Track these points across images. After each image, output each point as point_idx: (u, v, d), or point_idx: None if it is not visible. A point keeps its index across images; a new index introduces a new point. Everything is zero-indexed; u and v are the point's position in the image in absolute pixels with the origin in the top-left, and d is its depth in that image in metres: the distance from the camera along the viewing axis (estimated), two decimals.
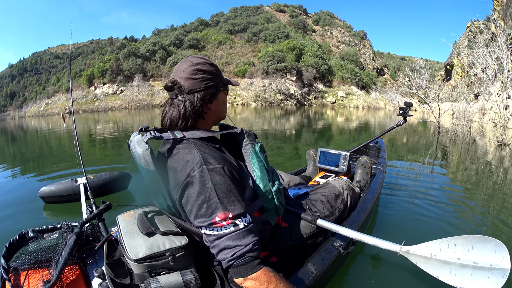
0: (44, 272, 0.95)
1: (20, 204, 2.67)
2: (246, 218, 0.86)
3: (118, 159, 4.98)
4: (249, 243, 0.84)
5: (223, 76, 1.08)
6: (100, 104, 31.89)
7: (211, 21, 53.47)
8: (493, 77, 10.08)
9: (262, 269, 0.85)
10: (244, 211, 0.86)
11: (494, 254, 1.04)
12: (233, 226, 0.84)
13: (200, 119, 1.02)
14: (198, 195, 0.84)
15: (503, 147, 5.83)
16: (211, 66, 1.02)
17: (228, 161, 0.93)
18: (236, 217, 0.84)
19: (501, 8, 18.98)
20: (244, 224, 0.85)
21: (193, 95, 0.98)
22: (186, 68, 0.99)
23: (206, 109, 1.02)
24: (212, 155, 0.90)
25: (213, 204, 0.84)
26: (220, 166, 0.87)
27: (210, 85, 1.00)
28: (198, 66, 0.99)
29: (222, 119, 1.13)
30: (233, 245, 0.83)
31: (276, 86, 33.08)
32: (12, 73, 64.53)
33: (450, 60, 32.55)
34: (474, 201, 2.80)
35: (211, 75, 1.01)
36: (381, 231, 2.08)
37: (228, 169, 0.88)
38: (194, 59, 1.01)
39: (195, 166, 0.86)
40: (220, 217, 0.83)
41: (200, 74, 0.98)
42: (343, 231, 1.26)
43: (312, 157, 2.40)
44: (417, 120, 12.26)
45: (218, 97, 1.04)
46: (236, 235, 0.84)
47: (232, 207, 0.84)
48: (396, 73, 54.28)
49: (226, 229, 0.83)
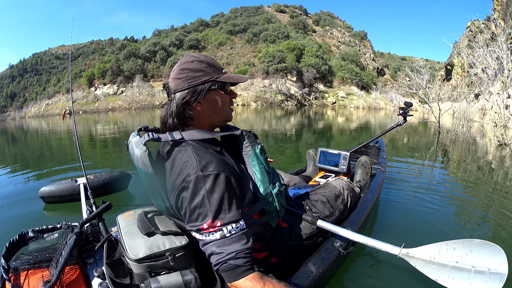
0: (44, 272, 0.95)
1: (20, 204, 2.67)
2: (239, 225, 0.86)
3: (118, 159, 4.98)
4: (233, 251, 0.83)
5: (220, 73, 1.00)
6: (101, 105, 31.91)
7: (212, 22, 53.52)
8: (494, 77, 10.07)
9: (247, 276, 0.84)
10: (236, 218, 0.86)
11: (492, 259, 1.05)
12: (219, 233, 0.84)
13: (188, 119, 0.99)
14: (190, 200, 0.85)
15: (504, 147, 5.82)
16: (200, 64, 0.97)
17: (226, 166, 0.91)
18: (225, 225, 0.84)
19: (501, 8, 18.98)
20: (231, 232, 0.84)
21: (177, 95, 0.96)
22: (175, 68, 0.98)
23: (192, 110, 0.98)
24: (210, 159, 0.89)
25: (204, 211, 0.84)
26: (215, 172, 0.86)
27: (194, 84, 0.95)
28: (185, 65, 0.96)
29: (228, 121, 1.08)
30: (218, 252, 0.84)
31: (277, 87, 33.08)
32: (12, 73, 64.54)
33: (450, 60, 32.56)
34: (474, 203, 2.80)
35: (198, 72, 0.96)
36: (381, 231, 2.08)
37: (225, 176, 0.87)
38: (185, 58, 0.99)
39: (191, 171, 0.86)
40: (208, 224, 0.83)
41: (184, 73, 0.96)
42: (343, 232, 1.26)
43: (312, 157, 2.40)
44: (418, 120, 12.25)
45: (208, 96, 0.97)
46: (221, 242, 0.84)
47: (222, 215, 0.84)
48: (397, 73, 54.29)
49: (212, 235, 0.84)
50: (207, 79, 0.96)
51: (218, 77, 0.98)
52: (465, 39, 27.70)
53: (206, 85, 0.96)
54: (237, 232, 0.85)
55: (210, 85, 0.97)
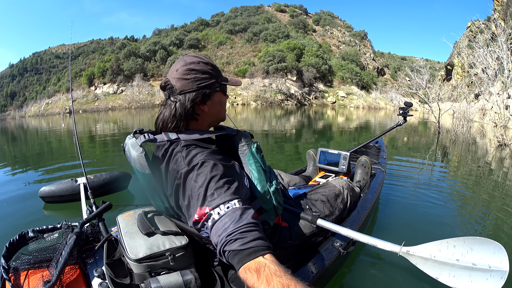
0: (44, 272, 0.95)
1: (20, 204, 2.67)
2: (229, 205, 0.77)
3: (118, 159, 4.97)
4: (226, 233, 0.72)
5: (221, 75, 1.03)
6: (101, 104, 31.90)
7: (212, 21, 53.46)
8: (494, 77, 10.06)
9: (269, 254, 0.70)
10: (225, 199, 0.78)
11: (493, 256, 1.05)
12: (210, 219, 0.77)
13: (192, 120, 1.00)
14: (183, 197, 0.86)
15: (504, 147, 5.82)
16: (206, 65, 0.98)
17: (214, 157, 0.90)
18: (213, 209, 0.77)
19: (502, 8, 18.97)
20: (220, 214, 0.76)
21: (184, 96, 0.95)
22: (179, 68, 0.96)
23: (198, 111, 0.99)
24: (196, 153, 0.90)
25: (193, 202, 0.82)
26: (200, 161, 0.85)
27: (202, 86, 0.96)
28: (192, 65, 0.96)
29: (222, 121, 1.11)
30: (215, 241, 0.75)
31: (277, 86, 33.08)
32: (12, 73, 64.56)
33: (450, 60, 32.55)
34: (474, 202, 2.80)
35: (205, 74, 0.97)
36: (381, 231, 2.08)
37: (210, 163, 0.84)
38: (189, 58, 0.98)
39: (180, 168, 0.87)
40: (198, 214, 0.79)
41: (192, 74, 0.95)
42: (343, 231, 1.26)
43: (312, 157, 2.40)
44: (418, 120, 12.25)
45: (213, 98, 1.00)
46: (215, 230, 0.75)
47: (209, 199, 0.78)
48: (397, 73, 54.25)
49: (205, 225, 0.79)
50: (214, 81, 0.98)
51: (221, 79, 1.01)
52: (465, 39, 27.68)
53: (213, 87, 0.98)
54: (227, 212, 0.75)
55: (216, 87, 0.99)
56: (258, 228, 0.74)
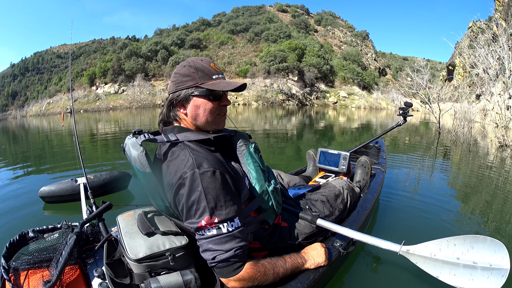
0: (44, 272, 0.95)
1: (20, 204, 2.67)
2: (234, 223, 0.88)
3: (119, 159, 4.98)
4: (230, 248, 0.87)
5: (210, 79, 0.98)
6: (102, 104, 31.93)
7: (213, 21, 53.46)
8: (495, 77, 10.04)
9: (244, 268, 0.89)
10: (232, 215, 0.88)
11: (493, 254, 1.04)
12: (216, 230, 0.86)
13: (175, 122, 1.04)
14: (187, 197, 0.86)
15: (505, 148, 5.80)
16: (189, 69, 0.97)
17: (221, 164, 0.93)
18: (222, 222, 0.86)
19: (503, 9, 18.91)
20: (228, 229, 0.87)
21: (167, 98, 1.02)
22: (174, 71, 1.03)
23: (177, 112, 1.02)
24: (205, 157, 0.91)
25: (201, 208, 0.86)
26: (212, 169, 0.88)
27: (180, 88, 0.98)
28: (178, 69, 1.00)
29: (217, 129, 1.04)
30: (214, 249, 0.86)
31: (278, 86, 33.05)
32: (14, 72, 64.75)
33: (452, 60, 32.45)
34: (474, 202, 2.79)
35: (186, 77, 0.97)
36: (381, 231, 2.08)
37: (220, 173, 0.89)
38: (183, 62, 1.02)
39: (187, 169, 0.87)
40: (206, 221, 0.85)
41: (175, 77, 1.00)
42: (343, 231, 1.26)
43: (312, 157, 2.40)
44: (419, 120, 12.23)
45: (190, 101, 0.98)
46: (218, 240, 0.86)
47: (219, 212, 0.86)
48: (398, 73, 54.14)
49: (209, 232, 0.86)
50: (191, 84, 0.97)
51: (203, 83, 0.97)
52: (466, 39, 27.58)
53: (189, 90, 0.97)
54: (234, 230, 0.88)
55: (193, 91, 0.97)
56: (243, 251, 0.90)
